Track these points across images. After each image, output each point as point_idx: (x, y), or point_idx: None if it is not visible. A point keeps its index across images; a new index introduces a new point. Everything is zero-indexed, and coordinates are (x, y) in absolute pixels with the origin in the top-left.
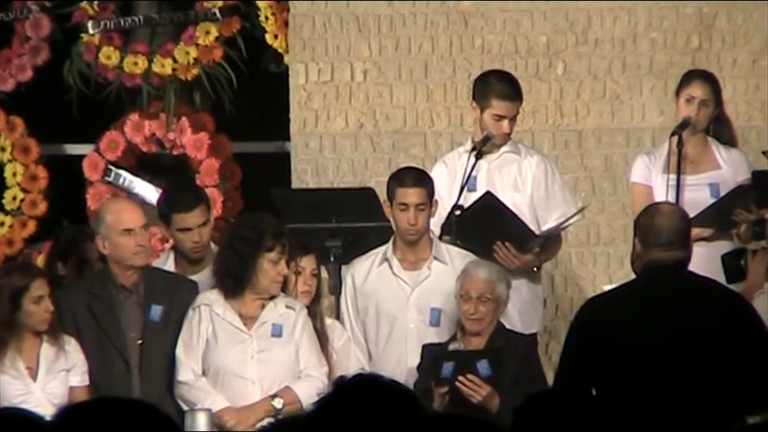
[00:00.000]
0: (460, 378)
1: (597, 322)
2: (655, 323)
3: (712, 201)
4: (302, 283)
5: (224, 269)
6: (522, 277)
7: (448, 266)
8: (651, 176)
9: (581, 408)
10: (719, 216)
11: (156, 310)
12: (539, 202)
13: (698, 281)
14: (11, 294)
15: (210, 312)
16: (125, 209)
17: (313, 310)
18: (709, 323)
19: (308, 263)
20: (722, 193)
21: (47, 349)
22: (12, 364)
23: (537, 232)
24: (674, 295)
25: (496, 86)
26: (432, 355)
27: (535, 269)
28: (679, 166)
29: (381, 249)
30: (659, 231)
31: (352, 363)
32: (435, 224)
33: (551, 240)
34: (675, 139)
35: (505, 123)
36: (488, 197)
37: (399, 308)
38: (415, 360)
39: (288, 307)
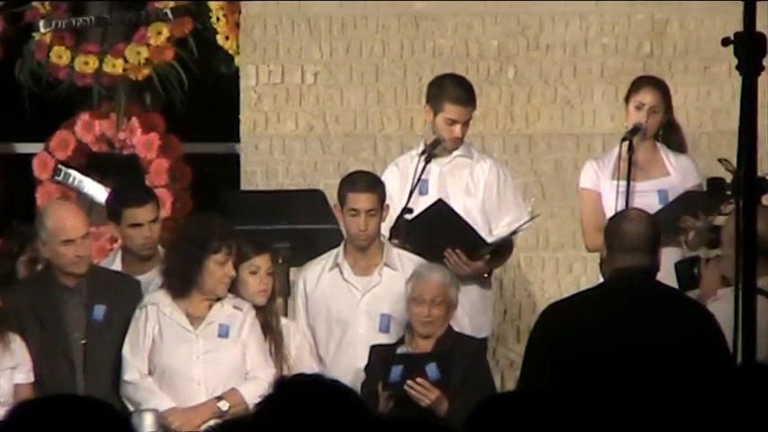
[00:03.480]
0: (409, 382)
1: (559, 327)
2: (616, 330)
3: (661, 207)
4: (258, 281)
5: (171, 269)
6: (473, 282)
7: (399, 272)
8: (600, 182)
9: (536, 412)
10: (667, 222)
11: (100, 310)
12: (490, 206)
13: (662, 290)
14: None
15: (157, 312)
16: (67, 216)
17: (269, 309)
18: (671, 332)
19: (263, 262)
20: (671, 200)
21: None
22: None
23: (488, 237)
24: (636, 303)
25: (451, 90)
26: (379, 357)
27: (485, 275)
28: (629, 172)
29: (332, 253)
30: (623, 236)
31: (308, 359)
32: (385, 227)
33: (502, 247)
34: (626, 144)
35: (457, 128)
36: (440, 204)
37: (350, 313)
38: (364, 365)
39: (235, 308)
